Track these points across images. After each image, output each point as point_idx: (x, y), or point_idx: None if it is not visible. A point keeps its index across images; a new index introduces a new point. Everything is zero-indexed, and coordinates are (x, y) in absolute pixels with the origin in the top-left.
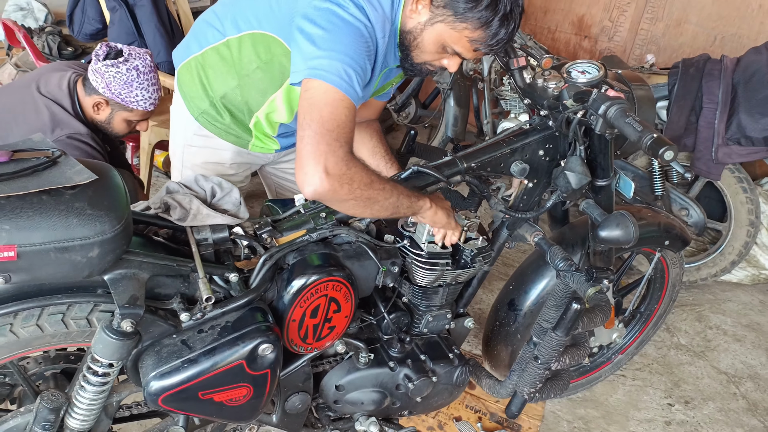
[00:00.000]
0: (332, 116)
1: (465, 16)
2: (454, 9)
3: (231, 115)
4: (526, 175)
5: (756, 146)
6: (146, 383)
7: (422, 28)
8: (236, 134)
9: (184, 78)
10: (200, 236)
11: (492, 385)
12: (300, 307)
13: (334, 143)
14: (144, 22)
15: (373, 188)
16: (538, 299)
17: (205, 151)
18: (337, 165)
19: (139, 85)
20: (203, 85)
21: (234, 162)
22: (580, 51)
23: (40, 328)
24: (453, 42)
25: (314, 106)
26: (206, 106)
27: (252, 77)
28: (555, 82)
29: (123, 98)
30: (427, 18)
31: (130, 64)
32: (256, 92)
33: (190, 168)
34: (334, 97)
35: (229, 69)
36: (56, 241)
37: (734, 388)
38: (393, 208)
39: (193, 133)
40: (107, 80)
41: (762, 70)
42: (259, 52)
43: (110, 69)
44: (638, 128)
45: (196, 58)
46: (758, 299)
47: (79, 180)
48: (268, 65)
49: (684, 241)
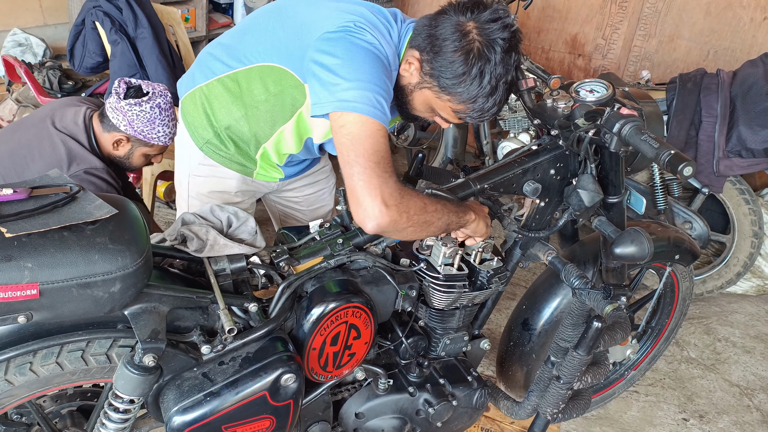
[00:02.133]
0: (375, 148)
1: (448, 90)
2: (439, 81)
3: (235, 146)
4: (538, 194)
5: (757, 158)
6: (168, 418)
7: (412, 89)
8: (240, 163)
9: (188, 108)
10: (218, 267)
11: (510, 407)
12: (320, 335)
13: (384, 174)
14: (146, 54)
15: (427, 212)
16: (552, 318)
17: (210, 180)
18: (393, 196)
19: (161, 122)
20: (207, 116)
21: (239, 190)
22: (574, 69)
23: (60, 366)
24: (439, 109)
25: (356, 140)
26: (210, 136)
27: (260, 109)
28: (564, 101)
29: (145, 135)
30: (417, 81)
31: (153, 102)
32: (264, 124)
33: (196, 197)
34: (372, 128)
35: (234, 100)
36: (78, 277)
37: (747, 400)
38: (445, 226)
39: (198, 163)
40: (129, 118)
41: (759, 83)
42: (267, 84)
43: (133, 108)
44: (655, 145)
45: (201, 88)
46: (764, 310)
47: (99, 215)
48: (277, 97)
49: (694, 254)
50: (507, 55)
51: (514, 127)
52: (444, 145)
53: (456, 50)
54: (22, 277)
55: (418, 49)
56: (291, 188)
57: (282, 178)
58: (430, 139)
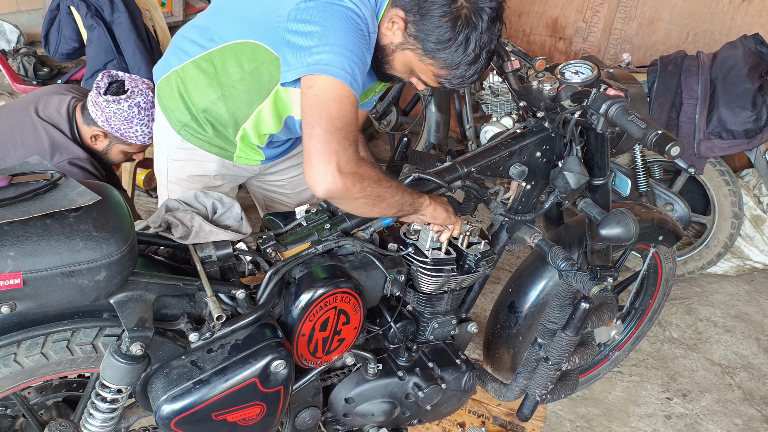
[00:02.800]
0: (341, 113)
1: (432, 54)
2: (423, 44)
3: (213, 128)
4: (524, 177)
5: (737, 139)
6: (157, 407)
7: (394, 49)
8: (219, 146)
9: (163, 92)
10: (204, 254)
11: (498, 389)
12: (309, 321)
13: (345, 141)
14: (123, 39)
15: (381, 186)
16: (539, 300)
17: (189, 164)
18: (349, 163)
19: (139, 121)
20: (183, 99)
21: (219, 173)
22: (555, 53)
23: (45, 357)
24: (419, 71)
25: (321, 102)
26: (187, 120)
27: (236, 88)
28: (550, 83)
29: (122, 133)
30: (400, 41)
31: (132, 101)
32: (242, 104)
33: (175, 183)
34: (341, 93)
35: (210, 82)
36: (63, 265)
37: (729, 378)
38: (398, 206)
39: (176, 147)
40: (107, 115)
41: (739, 65)
42: (242, 62)
43: (111, 105)
44: (642, 125)
45: (176, 72)
46: (744, 289)
47: (82, 202)
48: (253, 75)
49: (677, 235)
50: (492, 24)
51: (497, 111)
52: (427, 129)
53: (444, 15)
54: (5, 266)
55: (404, 8)
56: (274, 171)
57: (263, 161)
58: (413, 124)
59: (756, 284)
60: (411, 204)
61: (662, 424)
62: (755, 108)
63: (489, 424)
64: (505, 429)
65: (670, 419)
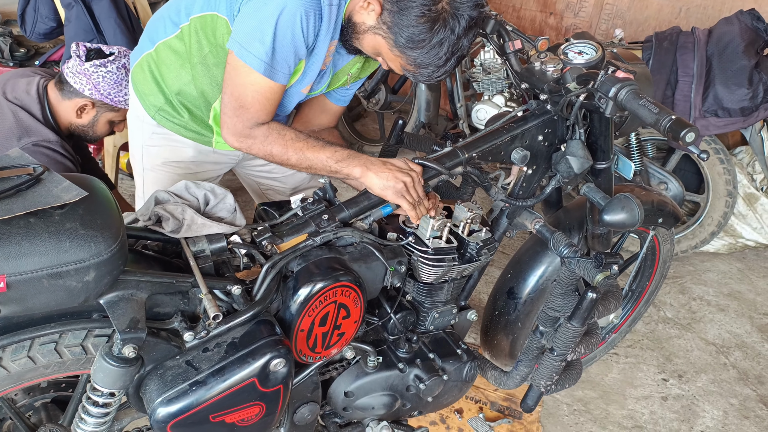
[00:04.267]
0: (241, 94)
1: (402, 50)
2: (396, 38)
3: (189, 112)
4: (527, 162)
5: (733, 117)
6: (152, 410)
7: (365, 30)
8: (196, 131)
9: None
10: (196, 248)
11: (498, 377)
12: (308, 316)
13: (239, 115)
14: (102, 18)
15: (273, 158)
16: (538, 286)
17: (165, 150)
18: (240, 129)
19: (128, 83)
20: (157, 82)
21: (196, 159)
22: (546, 28)
23: (33, 360)
24: (387, 59)
25: (230, 78)
26: (161, 103)
27: (204, 64)
28: (553, 64)
29: (112, 98)
30: (372, 25)
31: (119, 62)
32: (211, 80)
33: (151, 169)
34: (248, 80)
35: (182, 62)
36: (49, 267)
37: (724, 358)
38: (309, 170)
39: (152, 132)
40: (95, 81)
41: (735, 41)
42: (207, 34)
43: (99, 69)
44: (655, 110)
45: (150, 54)
46: (736, 267)
47: (68, 198)
48: (219, 48)
49: (676, 217)
50: (469, 30)
51: (488, 89)
52: (417, 108)
53: (422, 16)
54: None
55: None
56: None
57: None
58: (402, 102)
59: (748, 262)
60: (335, 168)
61: (659, 406)
62: (752, 85)
63: (487, 410)
64: (503, 414)
65: (667, 401)
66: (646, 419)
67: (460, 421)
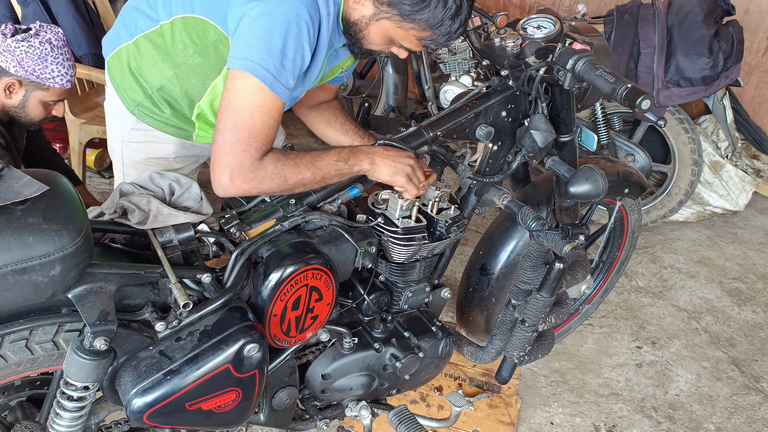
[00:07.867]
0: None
1: (411, 17)
2: (399, 9)
3: (171, 108)
4: (491, 138)
5: (695, 86)
6: (128, 401)
7: (367, 22)
8: (177, 126)
9: (114, 69)
10: (164, 238)
11: (474, 352)
12: (281, 300)
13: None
14: (60, 13)
15: (288, 181)
16: (510, 261)
17: (146, 146)
18: (243, 173)
19: (54, 59)
20: (135, 77)
21: (179, 155)
22: (510, 6)
23: (4, 358)
24: (401, 39)
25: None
26: (141, 99)
27: (189, 64)
28: (512, 40)
29: (38, 75)
30: (372, 13)
31: (42, 37)
32: (196, 80)
33: (132, 166)
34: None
35: (164, 58)
36: (13, 263)
37: (695, 323)
38: (322, 182)
39: (131, 128)
40: (18, 57)
41: (695, 11)
42: (193, 36)
43: (21, 44)
44: (611, 79)
45: (128, 47)
46: (705, 234)
47: (29, 193)
48: (204, 50)
49: (642, 187)
50: None
51: (455, 70)
52: (385, 92)
53: None
54: None
55: None
56: None
57: None
58: (371, 87)
59: (716, 229)
60: (341, 174)
61: (634, 373)
62: (712, 54)
63: (466, 386)
64: (481, 389)
65: (641, 367)
66: (622, 386)
67: (440, 399)
